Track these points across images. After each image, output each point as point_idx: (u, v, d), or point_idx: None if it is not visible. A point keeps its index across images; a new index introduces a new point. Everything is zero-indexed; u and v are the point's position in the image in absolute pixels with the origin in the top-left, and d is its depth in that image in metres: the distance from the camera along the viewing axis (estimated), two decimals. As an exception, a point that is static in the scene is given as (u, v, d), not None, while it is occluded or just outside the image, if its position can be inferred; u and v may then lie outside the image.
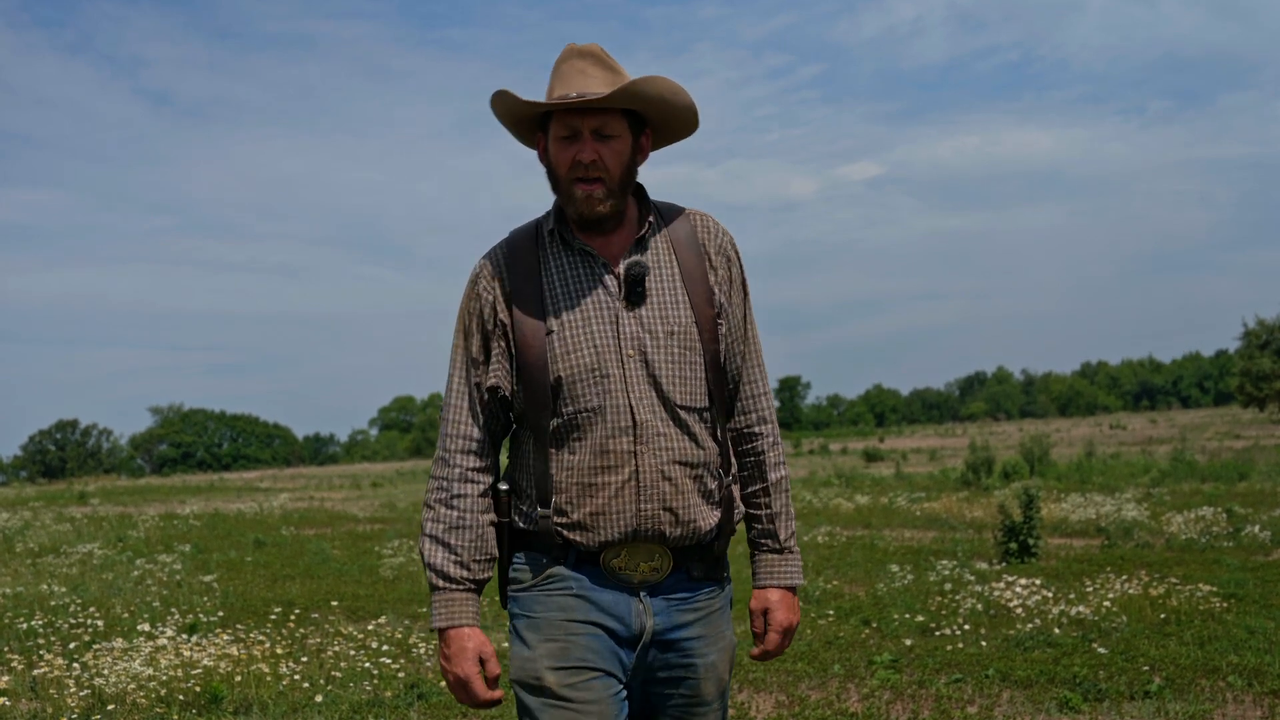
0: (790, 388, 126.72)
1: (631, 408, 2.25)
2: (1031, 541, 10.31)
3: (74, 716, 5.57)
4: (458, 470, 2.34)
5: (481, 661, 2.31)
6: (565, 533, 2.28)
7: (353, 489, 36.08)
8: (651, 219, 2.38)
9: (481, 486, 2.35)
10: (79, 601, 9.31)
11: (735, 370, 2.42)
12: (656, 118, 2.36)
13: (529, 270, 2.33)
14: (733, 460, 2.41)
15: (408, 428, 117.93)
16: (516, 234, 2.40)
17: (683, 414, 2.28)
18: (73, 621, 8.13)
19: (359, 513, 22.15)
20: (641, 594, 2.31)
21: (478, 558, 2.33)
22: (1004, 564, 10.03)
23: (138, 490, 41.50)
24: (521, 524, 2.35)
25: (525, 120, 2.37)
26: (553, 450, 2.29)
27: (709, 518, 2.32)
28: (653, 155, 2.42)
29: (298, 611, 8.42)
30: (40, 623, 8.08)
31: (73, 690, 5.83)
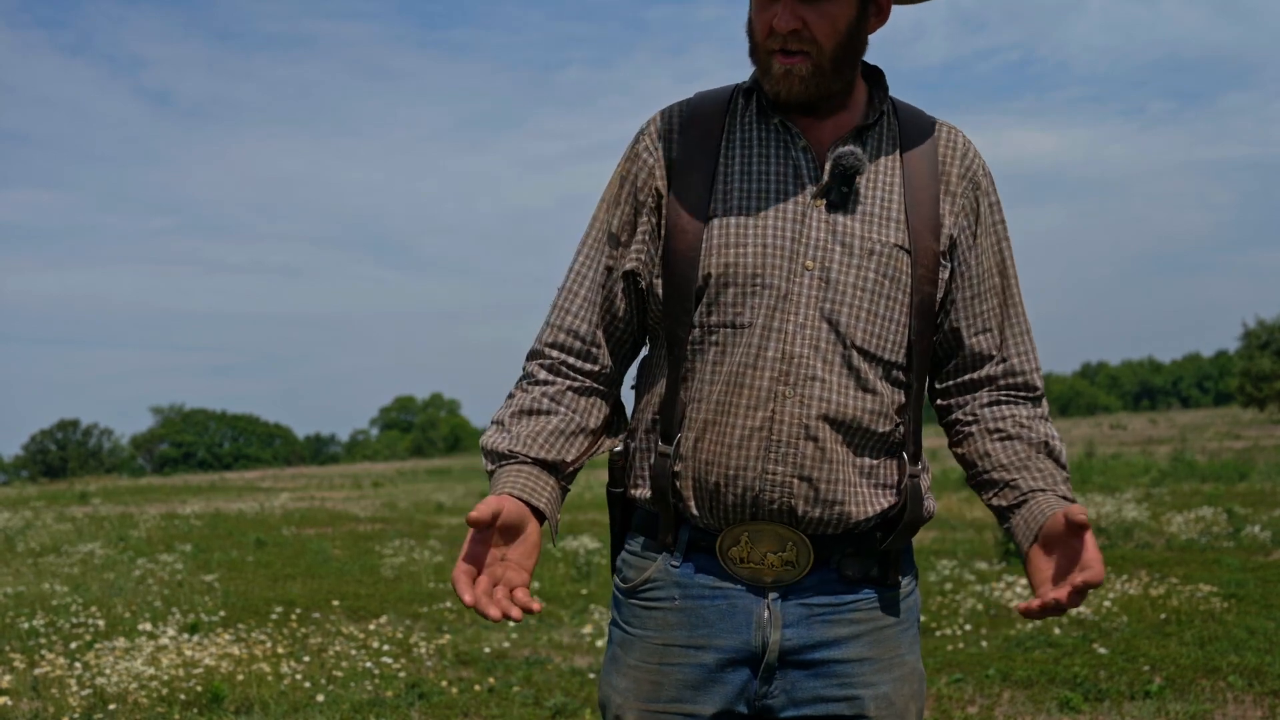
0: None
1: (785, 333, 1.70)
2: (1032, 542, 10.29)
3: (75, 716, 5.58)
4: (549, 361, 1.84)
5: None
6: (678, 485, 1.76)
7: (354, 488, 36.08)
8: (883, 109, 1.82)
9: (580, 384, 1.84)
10: (80, 601, 9.31)
11: (983, 336, 1.84)
12: None
13: (707, 136, 1.80)
14: (922, 446, 1.82)
15: (408, 428, 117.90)
16: (706, 93, 1.87)
17: (860, 361, 1.72)
18: (74, 621, 8.13)
19: (360, 512, 22.13)
20: (770, 596, 1.75)
21: (543, 439, 1.80)
22: (1004, 564, 10.04)
23: (139, 490, 41.46)
24: (636, 490, 1.83)
25: None
26: (686, 372, 1.77)
27: (868, 503, 1.75)
28: None
29: (299, 611, 8.43)
30: (42, 622, 8.08)
31: (74, 690, 5.84)
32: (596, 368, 1.85)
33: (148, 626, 7.22)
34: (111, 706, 5.66)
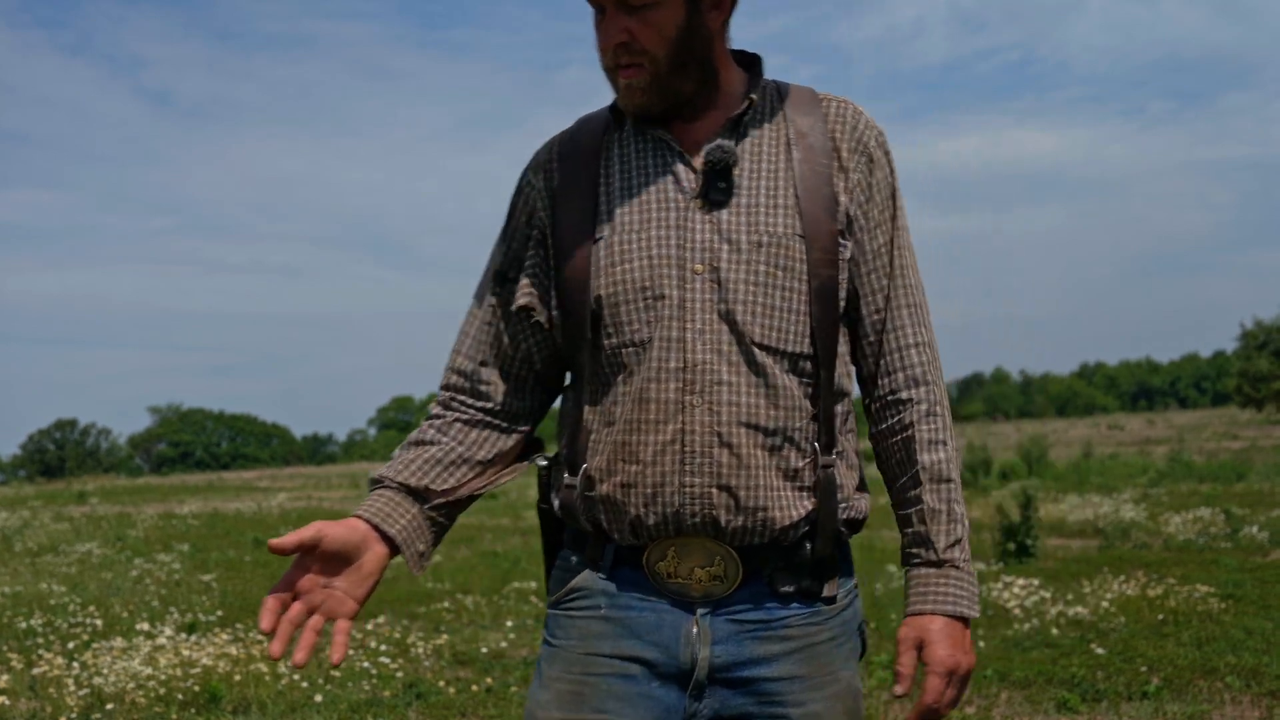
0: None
1: (685, 342, 1.66)
2: (1029, 542, 10.33)
3: (73, 715, 5.58)
4: (442, 398, 1.84)
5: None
6: (593, 512, 1.72)
7: (351, 488, 36.03)
8: (754, 96, 1.75)
9: (470, 417, 1.81)
10: (78, 601, 9.31)
11: (874, 317, 1.78)
12: None
13: (587, 160, 1.77)
14: (844, 435, 1.76)
15: (406, 427, 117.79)
16: (582, 120, 1.84)
17: (764, 358, 1.67)
18: (72, 621, 8.13)
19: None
20: (698, 612, 1.70)
21: (416, 466, 1.78)
22: (1002, 564, 10.04)
23: (136, 490, 41.42)
24: (557, 505, 1.80)
25: None
26: (591, 397, 1.74)
27: (791, 507, 1.69)
28: None
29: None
30: (39, 622, 8.08)
31: (72, 689, 5.84)
32: (489, 404, 1.82)
33: (146, 626, 7.22)
34: (109, 706, 5.65)
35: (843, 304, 1.74)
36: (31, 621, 8.09)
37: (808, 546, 1.71)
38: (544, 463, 1.82)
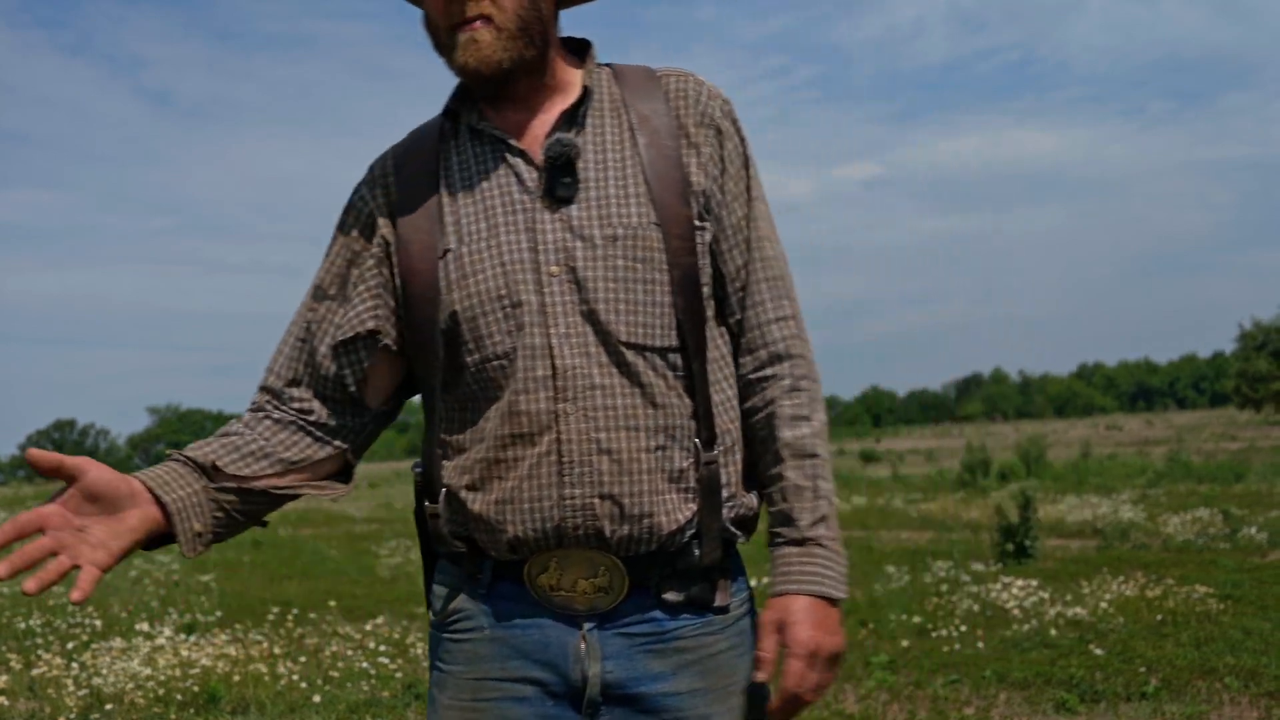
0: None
1: (550, 348, 1.56)
2: (1028, 543, 10.33)
3: (72, 716, 5.58)
4: (253, 404, 1.72)
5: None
6: (467, 531, 1.63)
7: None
8: (588, 84, 1.67)
9: (279, 416, 1.69)
10: (76, 601, 9.32)
11: (737, 294, 1.69)
12: None
13: (423, 170, 1.67)
14: (728, 426, 1.66)
15: (404, 428, 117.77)
16: (418, 128, 1.75)
17: (633, 356, 1.57)
18: (71, 621, 8.15)
19: (356, 513, 22.17)
20: (585, 627, 1.60)
21: (209, 448, 1.64)
22: (1001, 565, 10.05)
23: (134, 490, 41.54)
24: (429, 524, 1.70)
25: None
26: (454, 416, 1.65)
27: (678, 510, 1.59)
28: None
29: (295, 611, 8.42)
30: (39, 622, 8.10)
31: (71, 690, 5.85)
32: (299, 409, 1.69)
33: (145, 627, 7.23)
34: (108, 706, 5.66)
35: (707, 289, 1.65)
36: (31, 622, 8.11)
37: (695, 552, 1.62)
38: (419, 470, 1.70)
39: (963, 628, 7.14)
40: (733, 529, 1.66)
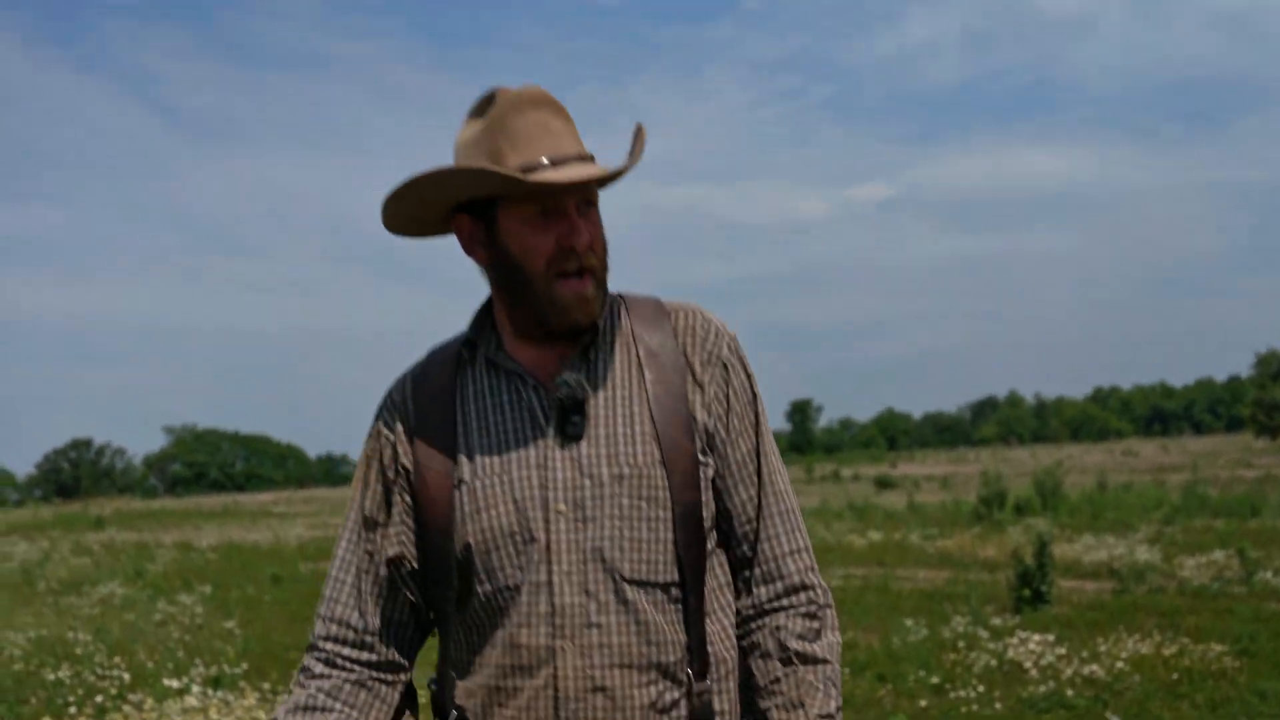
0: (801, 411, 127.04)
1: (552, 586, 1.61)
2: (1045, 588, 10.40)
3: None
4: (324, 654, 1.74)
5: None
6: None
7: (366, 515, 36.17)
8: (603, 322, 1.72)
9: (358, 675, 1.73)
10: (103, 649, 9.43)
11: (745, 527, 1.73)
12: None
13: (440, 400, 1.72)
14: (724, 655, 1.71)
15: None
16: (434, 353, 1.80)
17: (634, 593, 1.62)
18: (99, 673, 8.25)
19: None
20: None
21: None
22: (1018, 613, 10.11)
23: (152, 514, 41.73)
24: None
25: (446, 200, 1.70)
26: (462, 641, 1.70)
27: None
28: (664, 174, 1.84)
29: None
30: (68, 674, 8.20)
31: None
32: (375, 657, 1.74)
33: (174, 683, 7.32)
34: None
35: (708, 523, 1.69)
36: (60, 673, 8.20)
37: None
38: (434, 687, 1.75)
39: (980, 687, 7.21)
40: None
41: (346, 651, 1.73)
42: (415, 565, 1.72)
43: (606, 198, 1.73)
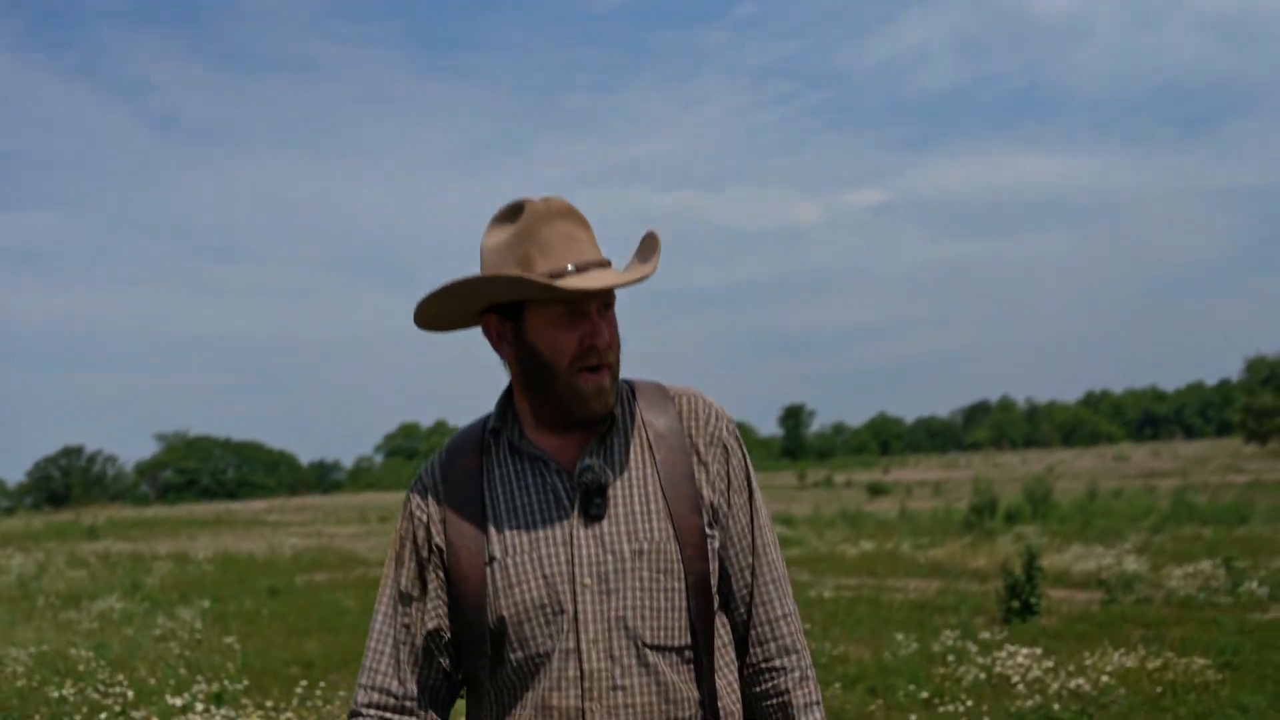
0: (794, 415, 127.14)
1: (580, 652, 1.80)
2: (1034, 600, 10.57)
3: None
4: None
5: None
6: None
7: (360, 523, 36.29)
8: (617, 410, 1.91)
9: None
10: (104, 665, 9.54)
11: (743, 592, 1.94)
12: None
13: (468, 482, 1.91)
14: (731, 708, 1.92)
15: (413, 455, 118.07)
16: (459, 438, 1.98)
17: (654, 658, 1.82)
18: (102, 690, 8.35)
19: (368, 553, 22.35)
20: None
21: None
22: (1006, 625, 10.27)
23: (145, 523, 41.79)
24: None
25: (475, 300, 1.88)
26: (493, 704, 1.88)
27: None
28: (658, 179, 2.03)
29: (323, 685, 8.55)
30: (71, 691, 8.29)
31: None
32: None
33: (177, 701, 7.43)
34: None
35: (715, 589, 1.89)
36: (63, 690, 8.28)
37: None
38: None
39: (969, 701, 7.35)
40: None
41: (390, 716, 1.89)
42: (450, 635, 1.89)
43: (599, 210, 1.92)
